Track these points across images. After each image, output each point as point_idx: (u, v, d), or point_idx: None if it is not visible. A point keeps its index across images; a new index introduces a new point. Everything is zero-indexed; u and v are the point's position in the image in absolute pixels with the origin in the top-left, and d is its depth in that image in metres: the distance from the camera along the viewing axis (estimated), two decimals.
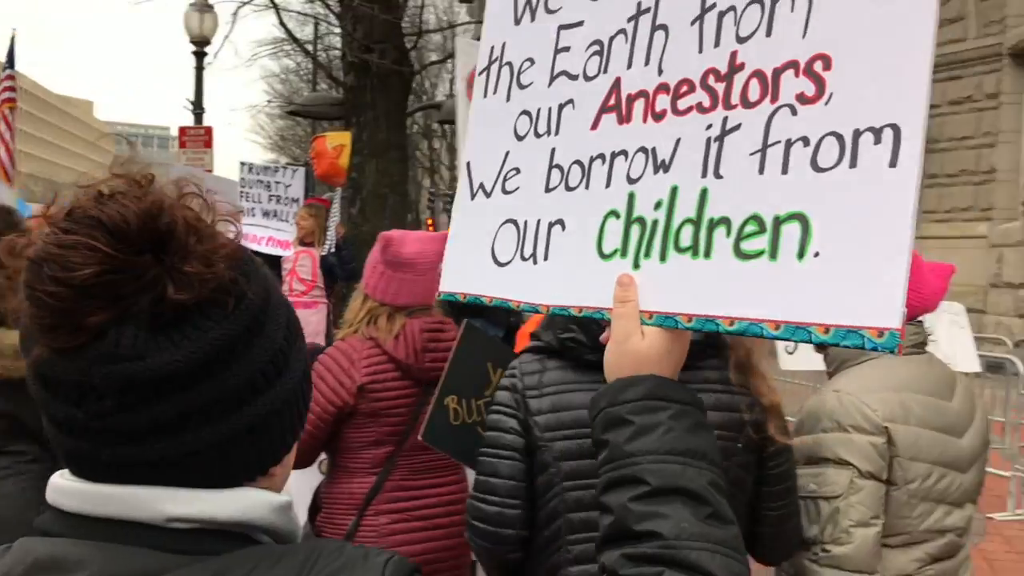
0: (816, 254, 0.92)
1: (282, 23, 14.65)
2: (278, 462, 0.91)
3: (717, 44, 1.04)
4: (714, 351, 1.53)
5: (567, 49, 1.23)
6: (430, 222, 21.33)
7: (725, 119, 1.01)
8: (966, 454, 2.06)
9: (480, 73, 1.39)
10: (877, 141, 0.89)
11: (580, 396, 1.61)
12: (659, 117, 1.09)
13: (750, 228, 0.97)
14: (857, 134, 0.91)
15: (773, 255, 0.95)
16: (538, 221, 1.21)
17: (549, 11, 1.26)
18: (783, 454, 1.58)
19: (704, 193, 1.02)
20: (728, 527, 0.87)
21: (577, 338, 1.63)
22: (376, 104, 8.92)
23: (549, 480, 1.64)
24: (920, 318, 2.12)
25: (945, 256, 16.92)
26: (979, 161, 16.98)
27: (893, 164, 0.88)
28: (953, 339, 2.22)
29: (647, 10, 1.11)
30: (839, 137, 0.92)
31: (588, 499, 1.55)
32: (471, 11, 14.52)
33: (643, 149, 1.09)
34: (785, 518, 1.71)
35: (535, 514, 1.67)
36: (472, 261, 1.31)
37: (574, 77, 1.21)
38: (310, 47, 18.48)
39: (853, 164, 0.91)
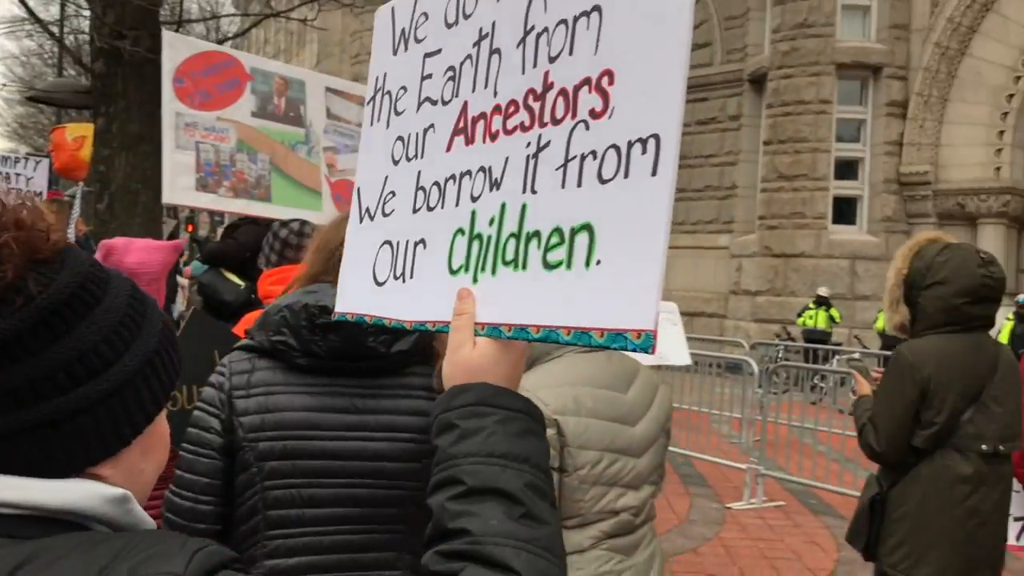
0: (598, 262, 0.96)
1: (22, 0, 13.40)
2: (107, 456, 0.92)
3: (535, 65, 1.09)
4: (420, 358, 1.59)
5: (430, 76, 1.30)
6: (190, 229, 20.09)
7: (539, 137, 1.07)
8: (639, 441, 2.22)
9: (367, 103, 1.48)
10: (643, 151, 0.94)
11: (286, 398, 1.65)
12: (494, 137, 1.14)
13: (553, 240, 1.02)
14: (630, 145, 0.95)
15: (569, 265, 0.99)
16: (407, 242, 1.28)
17: (417, 40, 1.34)
18: None
19: (524, 208, 1.07)
20: (541, 527, 0.91)
21: (288, 342, 1.67)
22: (128, 94, 8.29)
23: (250, 479, 1.68)
24: None
25: (692, 265, 18.15)
26: (722, 178, 18.40)
27: (653, 173, 0.93)
28: (666, 336, 2.40)
29: (487, 35, 1.18)
30: (617, 149, 0.96)
31: (286, 498, 1.64)
32: (236, 2, 13.96)
33: (482, 168, 1.15)
34: None
35: (234, 510, 1.72)
36: (358, 282, 1.37)
37: (435, 102, 1.28)
38: (55, 29, 17.05)
39: (626, 175, 0.95)
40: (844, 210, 16.84)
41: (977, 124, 15.92)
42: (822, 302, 14.80)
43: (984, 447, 2.98)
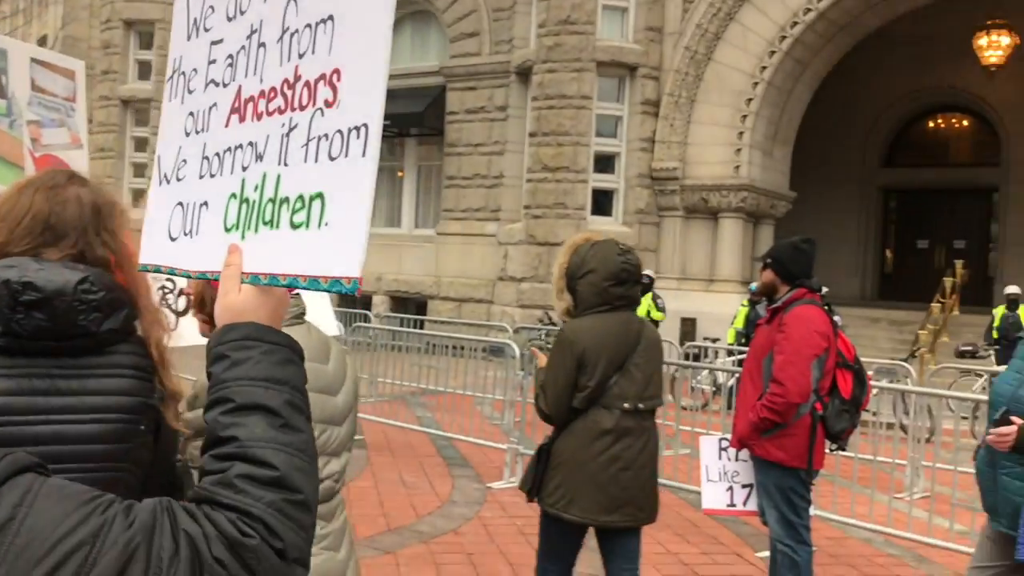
0: (327, 224, 1.21)
1: None
2: None
3: (288, 59, 1.34)
4: (125, 337, 1.51)
5: (215, 61, 1.54)
6: None
7: (291, 119, 1.31)
8: (340, 410, 2.43)
9: (168, 80, 1.71)
10: (358, 137, 1.18)
11: None
12: (259, 117, 1.39)
13: (298, 205, 1.26)
14: (350, 131, 1.19)
15: (307, 226, 1.23)
16: (194, 203, 1.51)
17: (206, 30, 1.58)
18: (176, 435, 1.68)
19: (279, 178, 1.31)
20: (298, 434, 1.12)
21: None
22: None
23: None
24: (297, 291, 2.50)
25: (462, 252, 18.29)
26: (490, 167, 18.76)
27: (363, 154, 1.17)
28: (316, 307, 2.67)
29: (256, 31, 1.43)
30: (342, 134, 1.21)
31: None
32: None
33: (251, 143, 1.40)
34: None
35: None
36: (156, 237, 1.60)
37: (217, 84, 1.52)
38: None
39: (346, 155, 1.19)
40: (602, 202, 17.67)
41: (720, 125, 17.22)
42: None
43: (626, 405, 3.65)
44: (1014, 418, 3.21)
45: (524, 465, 7.71)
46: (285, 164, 1.30)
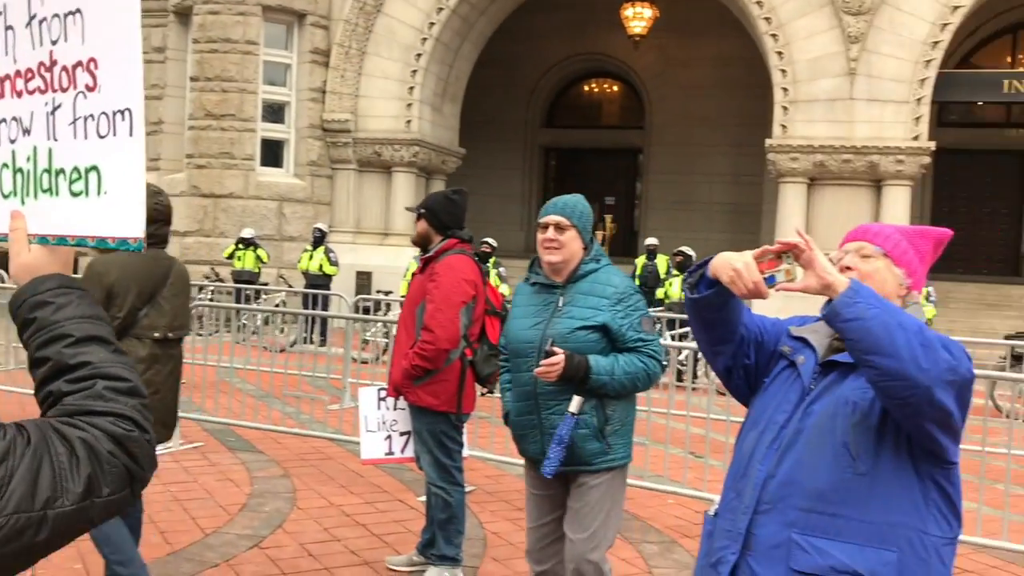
0: (106, 192, 1.38)
1: None
2: None
3: (41, 44, 1.44)
4: None
5: None
6: None
7: (53, 99, 1.43)
8: None
9: None
10: (123, 119, 1.34)
11: None
12: (20, 95, 1.49)
13: (75, 176, 1.41)
14: (115, 114, 1.35)
15: (87, 194, 1.40)
16: None
17: None
18: None
19: (50, 151, 1.45)
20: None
21: None
22: None
23: None
24: None
25: None
26: (149, 112, 17.39)
27: (131, 134, 1.34)
28: None
29: (2, 13, 1.49)
30: (107, 115, 1.36)
31: None
32: None
33: (15, 118, 1.50)
34: None
35: None
36: None
37: None
38: None
39: (115, 134, 1.35)
40: (272, 152, 17.10)
41: (391, 79, 17.26)
42: (249, 243, 14.89)
43: (157, 335, 3.87)
44: (556, 348, 3.23)
45: (182, 430, 7.33)
46: (55, 139, 1.44)
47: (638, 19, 19.00)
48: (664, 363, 3.51)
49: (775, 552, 1.98)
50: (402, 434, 4.73)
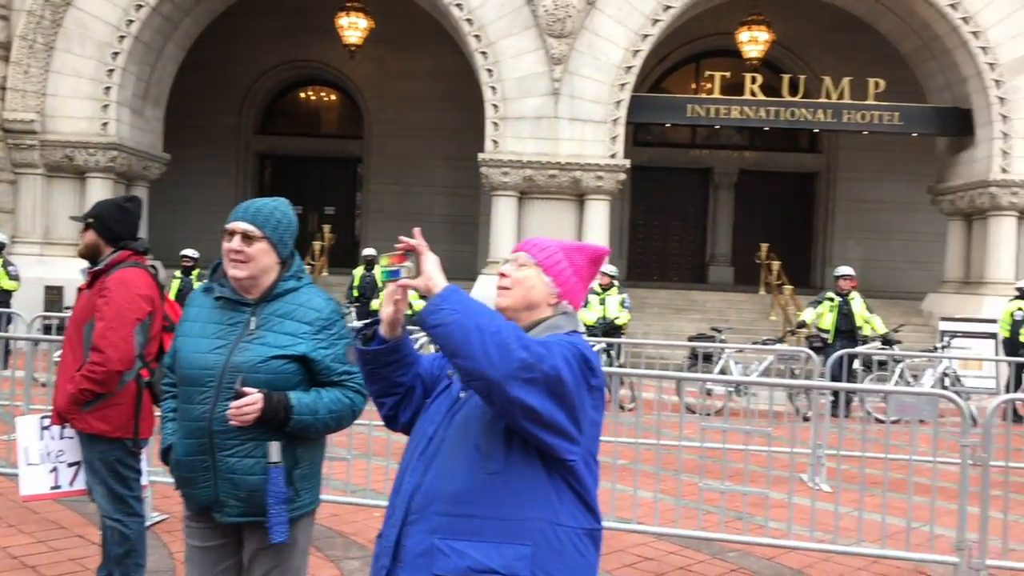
0: None
1: None
2: None
3: None
4: None
5: None
6: None
7: None
8: None
9: None
10: None
11: None
12: None
13: None
14: None
15: None
16: None
17: None
18: None
19: None
20: None
21: None
22: None
23: None
24: None
25: None
26: None
27: None
28: None
29: None
30: None
31: None
32: None
33: None
34: None
35: None
36: None
37: None
38: None
39: None
40: None
41: (84, 78, 15.93)
42: None
43: None
44: (248, 388, 2.75)
45: None
46: None
47: (353, 28, 18.90)
48: (366, 395, 2.97)
49: (420, 560, 2.01)
50: (70, 465, 4.31)
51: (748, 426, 6.59)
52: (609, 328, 12.26)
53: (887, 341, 11.97)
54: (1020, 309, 12.35)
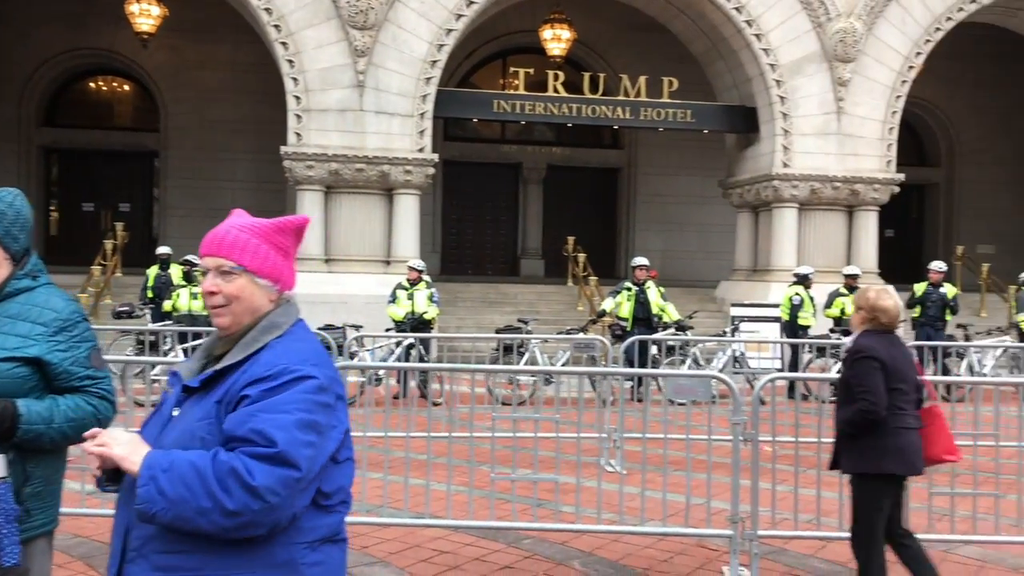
0: None
1: None
2: None
3: None
4: None
5: None
6: None
7: None
8: None
9: None
10: None
11: None
12: None
13: None
14: None
15: None
16: None
17: None
18: None
19: None
20: None
21: None
22: None
23: None
24: None
25: None
26: None
27: None
28: None
29: None
30: None
31: None
32: None
33: None
34: None
35: None
36: None
37: None
38: None
39: None
40: None
41: None
42: None
43: None
44: None
45: None
46: None
47: (145, 16, 17.86)
48: (114, 401, 2.83)
49: None
50: None
51: (537, 414, 6.71)
52: (418, 323, 12.22)
53: (681, 327, 12.57)
54: (798, 294, 13.27)
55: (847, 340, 4.76)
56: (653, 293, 12.61)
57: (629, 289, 12.62)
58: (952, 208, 25.10)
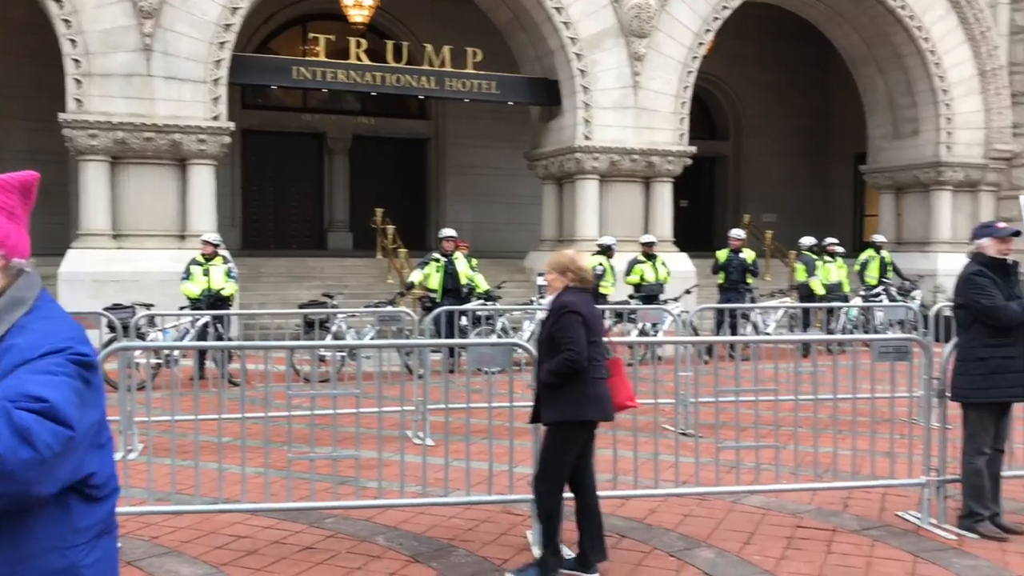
0: None
1: None
2: None
3: None
4: None
5: None
6: None
7: None
8: None
9: None
10: None
11: None
12: None
13: None
14: None
15: None
16: None
17: None
18: None
19: None
20: None
21: None
22: None
23: None
24: None
25: None
26: None
27: None
28: None
29: None
30: None
31: None
32: None
33: None
34: None
35: None
36: None
37: None
38: None
39: None
40: None
41: None
42: None
43: None
44: None
45: None
46: None
47: None
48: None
49: None
50: None
51: (335, 390, 6.54)
52: (215, 300, 11.67)
53: (489, 297, 12.66)
54: (600, 264, 13.66)
55: (547, 300, 5.13)
56: (462, 264, 12.62)
57: (437, 260, 12.57)
58: (740, 179, 26.70)
